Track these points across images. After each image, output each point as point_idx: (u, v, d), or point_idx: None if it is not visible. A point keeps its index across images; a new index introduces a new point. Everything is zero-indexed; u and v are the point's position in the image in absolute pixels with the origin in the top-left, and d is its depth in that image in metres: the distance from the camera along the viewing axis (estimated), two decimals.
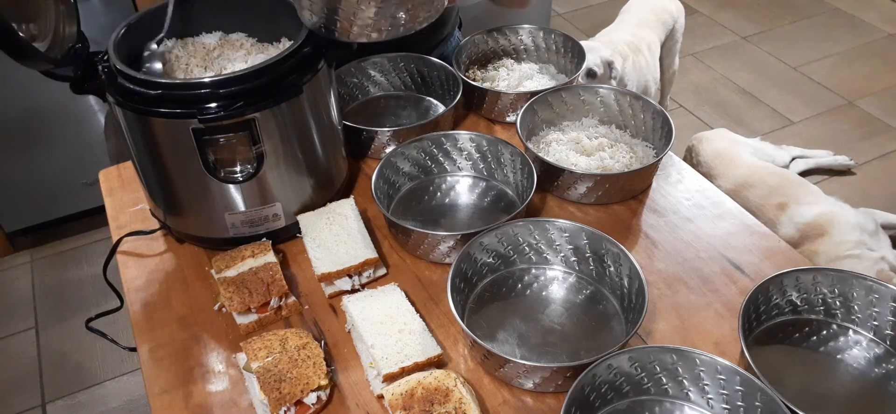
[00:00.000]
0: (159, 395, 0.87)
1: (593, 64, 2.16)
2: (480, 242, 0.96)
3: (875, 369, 0.86)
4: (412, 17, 0.93)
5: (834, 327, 0.91)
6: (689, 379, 0.81)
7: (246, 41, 1.11)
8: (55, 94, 2.11)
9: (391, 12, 0.91)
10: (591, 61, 2.15)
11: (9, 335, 2.19)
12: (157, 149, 0.96)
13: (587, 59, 1.97)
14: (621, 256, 0.92)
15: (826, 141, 2.69)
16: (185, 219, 1.04)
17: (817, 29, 3.44)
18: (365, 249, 0.98)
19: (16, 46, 0.81)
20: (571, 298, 0.96)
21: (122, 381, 2.05)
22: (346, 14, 0.91)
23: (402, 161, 1.14)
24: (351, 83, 1.34)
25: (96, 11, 2.10)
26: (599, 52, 2.20)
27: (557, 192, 1.13)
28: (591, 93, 1.24)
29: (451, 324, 0.94)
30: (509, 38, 1.41)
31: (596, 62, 2.17)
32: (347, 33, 0.95)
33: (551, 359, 0.88)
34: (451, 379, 0.80)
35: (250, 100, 0.91)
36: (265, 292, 0.93)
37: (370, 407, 0.85)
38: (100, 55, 0.97)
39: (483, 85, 1.31)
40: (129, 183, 1.20)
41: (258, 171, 0.98)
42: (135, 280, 1.03)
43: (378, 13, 0.91)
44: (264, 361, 0.84)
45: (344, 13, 0.91)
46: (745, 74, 3.15)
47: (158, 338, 0.94)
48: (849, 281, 0.89)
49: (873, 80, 3.05)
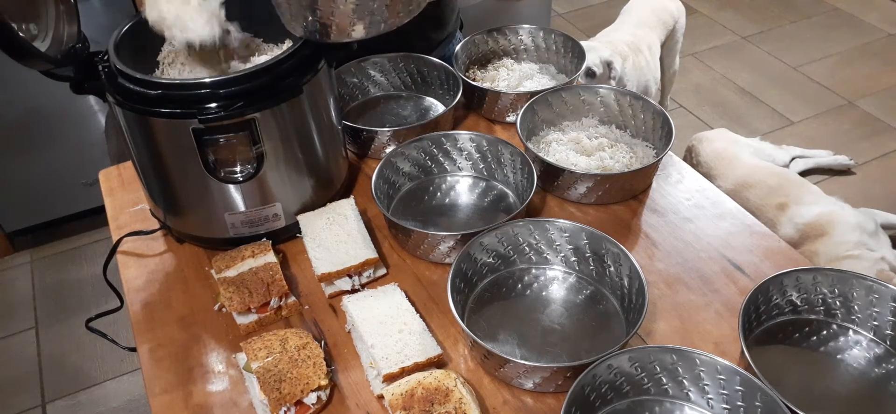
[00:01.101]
0: (159, 395, 0.87)
1: (592, 64, 2.16)
2: (480, 242, 0.96)
3: (875, 369, 0.86)
4: (391, 11, 0.93)
5: (834, 327, 0.91)
6: (690, 379, 0.81)
7: (252, 42, 1.11)
8: (55, 94, 2.10)
9: (369, 7, 0.91)
10: (590, 61, 2.15)
11: (9, 335, 2.19)
12: (157, 149, 0.96)
13: (586, 59, 1.96)
14: (621, 256, 0.92)
15: (826, 141, 2.69)
16: (185, 219, 1.04)
17: (817, 29, 3.44)
18: (365, 249, 0.98)
19: (16, 46, 0.82)
20: (571, 298, 0.96)
21: (122, 381, 2.05)
22: (325, 13, 0.91)
23: (402, 161, 1.14)
24: (351, 83, 1.34)
25: (96, 11, 2.09)
26: (599, 52, 2.20)
27: (557, 192, 1.13)
28: (591, 93, 1.24)
29: (451, 324, 0.94)
30: (509, 38, 1.41)
31: (595, 62, 2.17)
32: (328, 32, 0.94)
33: (551, 359, 0.88)
34: (452, 379, 0.80)
35: (250, 100, 0.91)
36: (265, 292, 0.93)
37: (370, 407, 0.85)
38: (100, 55, 0.97)
39: (483, 85, 1.31)
40: (129, 183, 1.20)
41: (258, 171, 0.98)
42: (135, 280, 1.03)
43: (356, 10, 0.90)
44: (264, 361, 0.84)
45: (322, 12, 0.91)
46: (745, 74, 3.15)
47: (158, 338, 0.94)
48: (849, 281, 0.89)
49: (873, 80, 3.05)
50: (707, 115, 2.94)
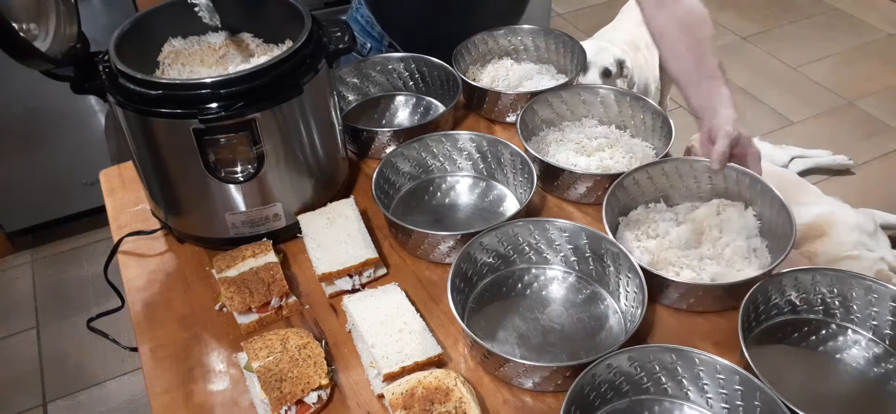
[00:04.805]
0: (160, 394, 0.87)
1: (608, 63, 2.14)
2: (480, 242, 0.96)
3: (874, 369, 0.86)
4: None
5: (833, 327, 0.91)
6: (689, 378, 0.81)
7: (252, 42, 1.11)
8: (55, 94, 2.10)
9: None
10: (605, 61, 2.13)
11: (9, 335, 2.19)
12: (157, 149, 0.96)
13: (601, 59, 1.93)
14: (621, 255, 0.92)
15: (825, 141, 2.68)
16: (186, 219, 1.05)
17: (817, 29, 3.44)
18: (365, 249, 0.98)
19: (16, 46, 0.82)
20: (571, 297, 0.96)
21: (122, 381, 2.05)
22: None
23: (402, 161, 1.14)
24: (351, 83, 1.35)
25: (96, 11, 2.10)
26: (611, 50, 2.18)
27: (557, 192, 1.13)
28: (591, 93, 1.24)
29: (451, 323, 0.94)
30: (509, 38, 1.41)
31: (610, 61, 2.15)
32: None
33: (551, 358, 0.88)
34: (452, 378, 0.80)
35: (251, 100, 0.91)
36: (266, 292, 0.93)
37: (371, 406, 0.85)
38: (100, 55, 0.97)
39: (483, 85, 1.31)
40: (130, 183, 1.20)
41: (258, 171, 0.98)
42: (135, 280, 1.04)
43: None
44: (265, 361, 0.84)
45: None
46: (745, 74, 3.15)
47: (159, 338, 0.94)
48: (848, 281, 0.89)
49: (873, 80, 3.05)
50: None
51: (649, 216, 1.05)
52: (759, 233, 1.00)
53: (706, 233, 1.00)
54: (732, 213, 1.02)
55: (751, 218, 1.01)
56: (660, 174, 1.06)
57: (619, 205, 1.04)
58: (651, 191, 1.07)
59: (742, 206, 1.03)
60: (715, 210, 1.03)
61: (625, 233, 1.03)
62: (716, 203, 1.04)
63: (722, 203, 1.04)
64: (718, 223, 1.01)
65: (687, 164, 1.05)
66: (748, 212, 1.02)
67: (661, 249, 0.98)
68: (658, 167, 1.06)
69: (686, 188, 1.07)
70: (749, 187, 1.02)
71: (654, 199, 1.08)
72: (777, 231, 0.97)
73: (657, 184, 1.07)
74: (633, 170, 1.04)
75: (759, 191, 1.00)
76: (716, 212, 1.03)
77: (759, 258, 0.97)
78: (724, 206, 1.03)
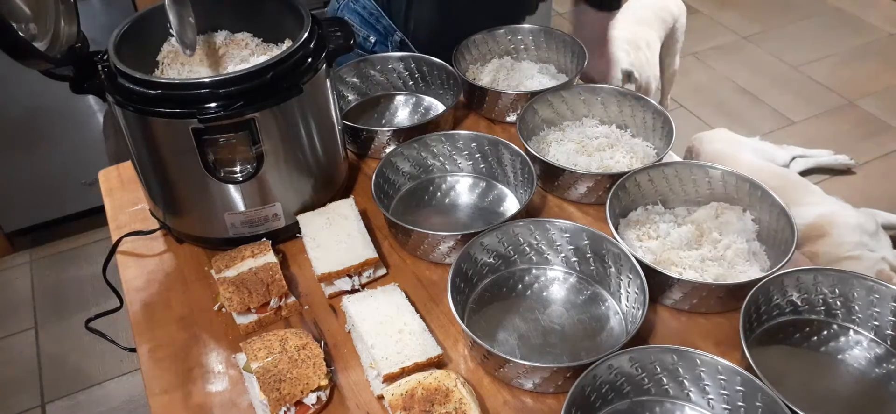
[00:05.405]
0: (159, 395, 0.87)
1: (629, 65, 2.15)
2: (481, 242, 0.96)
3: (876, 369, 0.86)
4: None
5: (834, 327, 0.91)
6: (690, 379, 0.81)
7: (251, 41, 1.11)
8: (54, 94, 2.10)
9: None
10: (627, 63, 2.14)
11: (8, 335, 2.19)
12: (156, 149, 0.96)
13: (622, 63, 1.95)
14: (622, 256, 0.92)
15: (826, 141, 2.68)
16: (185, 219, 1.04)
17: (817, 29, 3.44)
18: (365, 249, 0.98)
19: (16, 46, 0.81)
20: (572, 298, 0.96)
21: (121, 381, 2.05)
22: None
23: (402, 161, 1.14)
24: (351, 82, 1.34)
25: (96, 11, 2.10)
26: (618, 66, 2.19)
27: (557, 192, 1.13)
28: (592, 92, 1.23)
29: (451, 324, 0.93)
30: (509, 38, 1.40)
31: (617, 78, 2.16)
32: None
33: (552, 359, 0.87)
34: (452, 379, 0.80)
35: (250, 100, 0.90)
36: (265, 293, 0.93)
37: (370, 407, 0.85)
38: (100, 55, 0.96)
39: (483, 84, 1.31)
40: (129, 183, 1.20)
41: (258, 171, 0.97)
42: (134, 280, 1.03)
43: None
44: (264, 362, 0.84)
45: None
46: (746, 74, 3.15)
47: (158, 338, 0.94)
48: (849, 281, 0.88)
49: (873, 80, 3.05)
50: (707, 114, 2.94)
51: (649, 218, 1.05)
52: (757, 237, 1.00)
53: (706, 235, 1.00)
54: (731, 216, 1.02)
55: (749, 222, 1.01)
56: (660, 177, 1.06)
57: (620, 205, 1.04)
58: (651, 193, 1.07)
59: (740, 209, 1.03)
60: (714, 213, 1.03)
61: (626, 233, 1.03)
62: (714, 206, 1.04)
63: (720, 206, 1.04)
64: (718, 226, 1.01)
65: (687, 169, 1.05)
66: (746, 216, 1.02)
67: (664, 250, 0.98)
68: (659, 170, 1.06)
69: (685, 192, 1.07)
70: (748, 192, 1.02)
71: (652, 201, 1.07)
72: (776, 236, 0.97)
73: (657, 186, 1.06)
74: (636, 170, 1.04)
75: (759, 196, 1.00)
76: (714, 215, 1.03)
77: (759, 261, 0.97)
78: (722, 209, 1.03)
